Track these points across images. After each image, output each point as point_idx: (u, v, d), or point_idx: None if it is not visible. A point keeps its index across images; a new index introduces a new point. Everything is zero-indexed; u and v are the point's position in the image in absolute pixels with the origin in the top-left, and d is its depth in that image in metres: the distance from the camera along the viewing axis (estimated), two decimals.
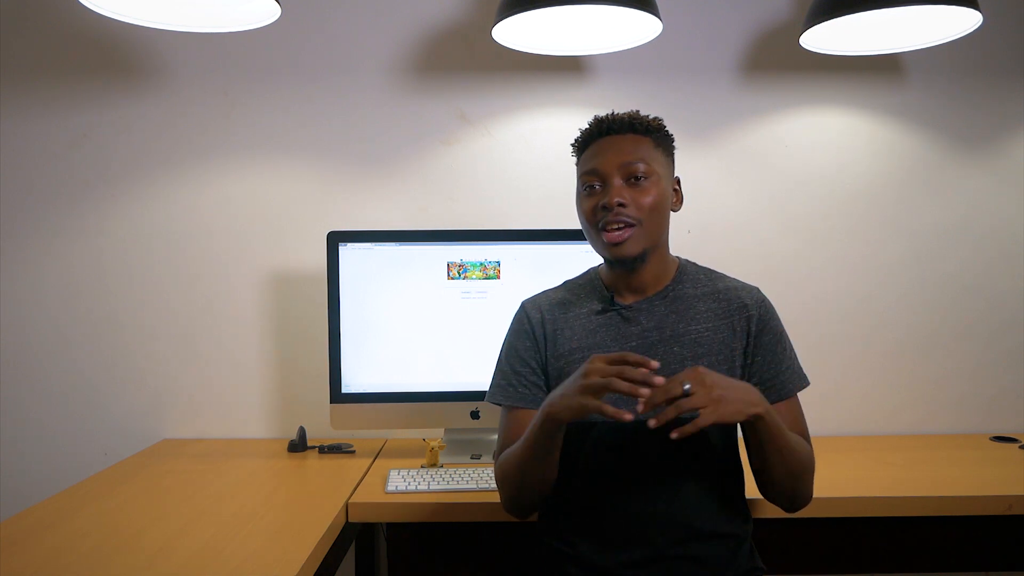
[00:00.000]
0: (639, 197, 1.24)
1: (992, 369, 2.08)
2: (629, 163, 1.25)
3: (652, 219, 1.25)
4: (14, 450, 2.04)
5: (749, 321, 1.28)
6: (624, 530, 1.25)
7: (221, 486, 1.60)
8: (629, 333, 1.28)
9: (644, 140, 1.28)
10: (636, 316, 1.29)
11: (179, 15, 1.61)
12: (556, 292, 1.39)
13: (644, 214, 1.24)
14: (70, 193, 2.04)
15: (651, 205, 1.25)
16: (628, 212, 1.23)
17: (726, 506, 1.28)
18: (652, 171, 1.26)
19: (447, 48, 2.05)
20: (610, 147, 1.27)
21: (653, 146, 1.28)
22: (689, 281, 1.32)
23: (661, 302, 1.30)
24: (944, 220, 2.07)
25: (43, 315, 2.04)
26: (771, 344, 1.28)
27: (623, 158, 1.25)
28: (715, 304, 1.30)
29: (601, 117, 1.31)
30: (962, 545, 1.56)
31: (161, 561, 1.20)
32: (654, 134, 1.29)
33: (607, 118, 1.30)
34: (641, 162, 1.25)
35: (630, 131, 1.28)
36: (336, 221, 2.00)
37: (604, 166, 1.26)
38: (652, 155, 1.27)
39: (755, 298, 1.31)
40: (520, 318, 1.37)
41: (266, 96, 2.04)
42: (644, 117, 1.30)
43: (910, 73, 2.06)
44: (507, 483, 1.27)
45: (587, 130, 1.32)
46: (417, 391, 1.80)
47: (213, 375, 2.06)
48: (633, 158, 1.25)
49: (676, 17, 2.00)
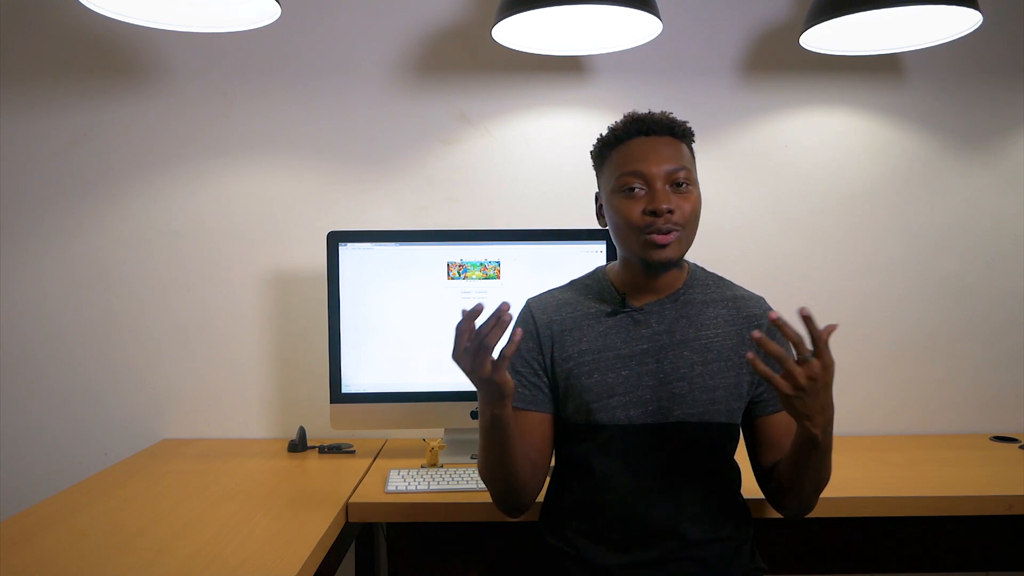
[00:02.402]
0: (683, 204, 1.23)
1: (992, 369, 2.08)
2: (675, 169, 1.23)
3: (692, 226, 1.25)
4: (14, 450, 2.04)
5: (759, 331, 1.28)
6: (625, 532, 1.25)
7: (221, 486, 1.60)
8: (640, 335, 1.28)
9: (682, 145, 1.27)
10: (647, 319, 1.29)
11: (179, 15, 1.61)
12: (563, 292, 1.37)
13: (687, 221, 1.24)
14: (70, 193, 2.04)
15: (693, 212, 1.24)
16: (674, 219, 1.22)
17: (729, 509, 1.29)
18: (692, 178, 1.25)
19: (447, 48, 2.05)
20: (653, 149, 1.24)
21: (689, 153, 1.28)
22: (699, 286, 1.32)
23: (672, 306, 1.29)
24: (944, 220, 2.07)
25: (43, 315, 2.04)
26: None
27: (670, 163, 1.23)
28: (724, 311, 1.30)
29: (639, 116, 1.27)
30: (962, 545, 1.56)
31: (161, 561, 1.20)
32: (690, 139, 1.29)
33: (647, 117, 1.26)
34: (684, 169, 1.24)
35: (669, 134, 1.26)
36: (336, 221, 2.00)
37: (650, 169, 1.23)
38: (690, 162, 1.27)
39: (764, 308, 1.32)
40: (525, 318, 1.35)
41: (266, 96, 2.04)
42: (680, 121, 1.28)
43: (910, 73, 2.06)
44: (484, 478, 1.29)
45: (622, 127, 1.28)
46: (417, 391, 1.80)
47: (213, 375, 2.06)
48: (678, 164, 1.24)
49: (676, 17, 2.00)
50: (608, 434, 1.26)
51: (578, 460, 1.29)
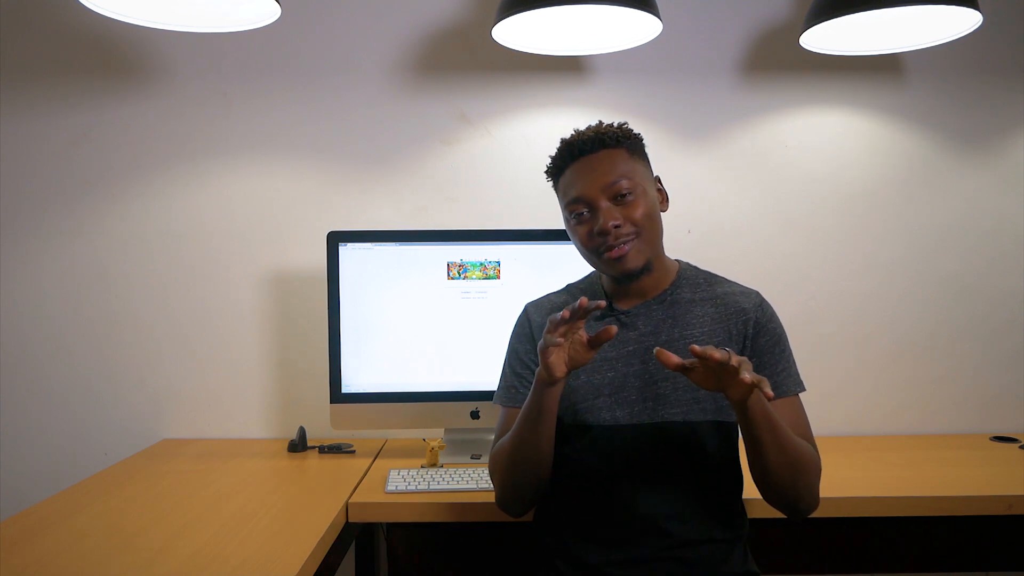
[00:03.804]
0: (630, 213, 1.24)
1: (992, 369, 2.08)
2: (611, 183, 1.23)
3: (648, 229, 1.25)
4: (14, 450, 2.04)
5: (746, 325, 1.28)
6: (616, 531, 1.25)
7: (221, 486, 1.60)
8: (627, 338, 1.29)
9: (618, 152, 1.26)
10: (634, 321, 1.30)
11: (179, 15, 1.61)
12: (558, 296, 1.41)
13: (641, 226, 1.24)
14: (70, 193, 2.04)
15: (643, 216, 1.24)
16: (624, 230, 1.23)
17: (720, 511, 1.28)
18: (635, 184, 1.25)
19: (447, 48, 2.04)
20: (587, 170, 1.25)
21: (628, 156, 1.27)
22: (688, 286, 1.33)
23: (659, 307, 1.30)
24: (944, 220, 2.07)
25: (43, 315, 2.04)
26: (768, 346, 1.28)
27: (604, 179, 1.24)
28: (712, 309, 1.30)
29: (569, 140, 1.28)
30: (962, 545, 1.56)
31: (161, 561, 1.20)
32: (625, 142, 1.27)
33: (575, 140, 1.27)
34: (623, 178, 1.24)
35: (601, 147, 1.26)
36: (336, 221, 2.00)
37: (587, 192, 1.24)
38: (630, 167, 1.26)
39: (753, 302, 1.31)
40: (522, 321, 1.39)
41: (266, 96, 2.04)
42: (610, 128, 1.27)
43: (910, 73, 2.06)
44: (498, 471, 1.28)
45: (557, 156, 1.30)
46: (417, 391, 1.80)
47: (213, 375, 2.06)
48: (614, 177, 1.24)
49: (676, 17, 2.00)
50: (595, 434, 1.28)
51: (567, 460, 1.30)
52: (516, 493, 1.28)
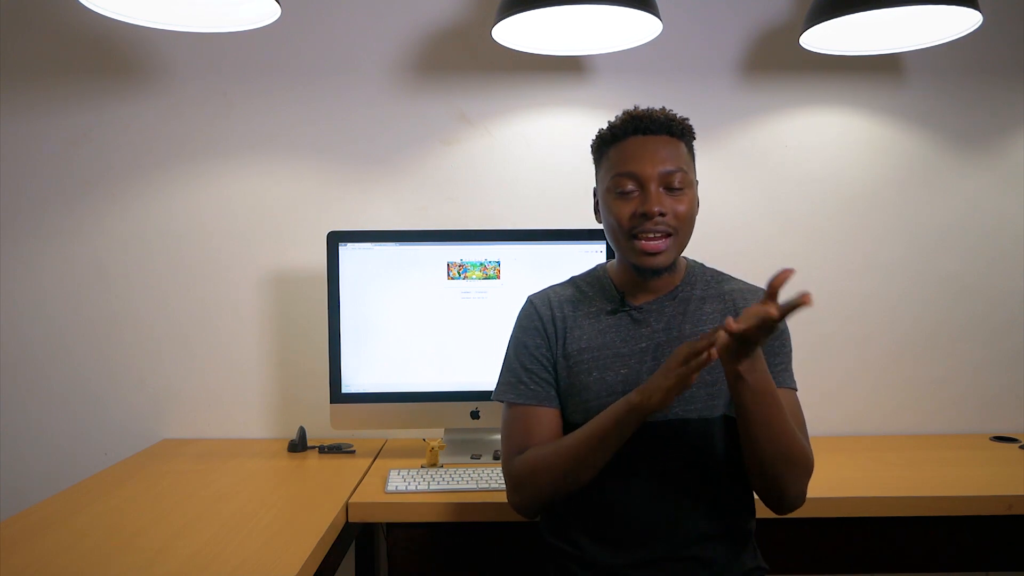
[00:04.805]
0: (677, 206, 1.21)
1: (992, 369, 2.08)
2: (670, 171, 1.20)
3: (685, 229, 1.23)
4: (14, 450, 2.04)
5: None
6: (627, 531, 1.24)
7: (221, 486, 1.60)
8: (639, 334, 1.27)
9: (679, 145, 1.23)
10: (647, 317, 1.28)
11: (179, 15, 1.61)
12: (564, 288, 1.36)
13: (680, 224, 1.22)
14: (70, 193, 2.04)
15: (687, 215, 1.22)
16: (666, 221, 1.20)
17: (730, 509, 1.27)
18: (688, 180, 1.23)
19: (447, 48, 2.05)
20: (648, 150, 1.21)
21: (686, 151, 1.25)
22: (698, 283, 1.32)
23: (671, 303, 1.29)
24: (944, 220, 2.07)
25: (43, 315, 2.04)
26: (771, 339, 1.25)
27: (664, 165, 1.20)
28: (721, 306, 1.30)
29: (636, 113, 1.23)
30: (962, 545, 1.56)
31: (161, 561, 1.20)
32: (687, 137, 1.25)
33: (644, 115, 1.23)
34: (680, 171, 1.21)
35: (667, 133, 1.22)
36: (336, 221, 2.00)
37: (643, 170, 1.20)
38: (687, 162, 1.24)
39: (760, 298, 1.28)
40: (529, 314, 1.33)
41: (266, 96, 2.04)
42: (679, 118, 1.24)
43: (910, 73, 2.06)
44: (539, 482, 1.23)
45: (618, 124, 1.25)
46: (417, 391, 1.80)
47: (213, 375, 2.06)
48: (673, 166, 1.21)
49: (676, 17, 2.00)
50: None
51: None
52: (550, 501, 1.25)
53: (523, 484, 1.24)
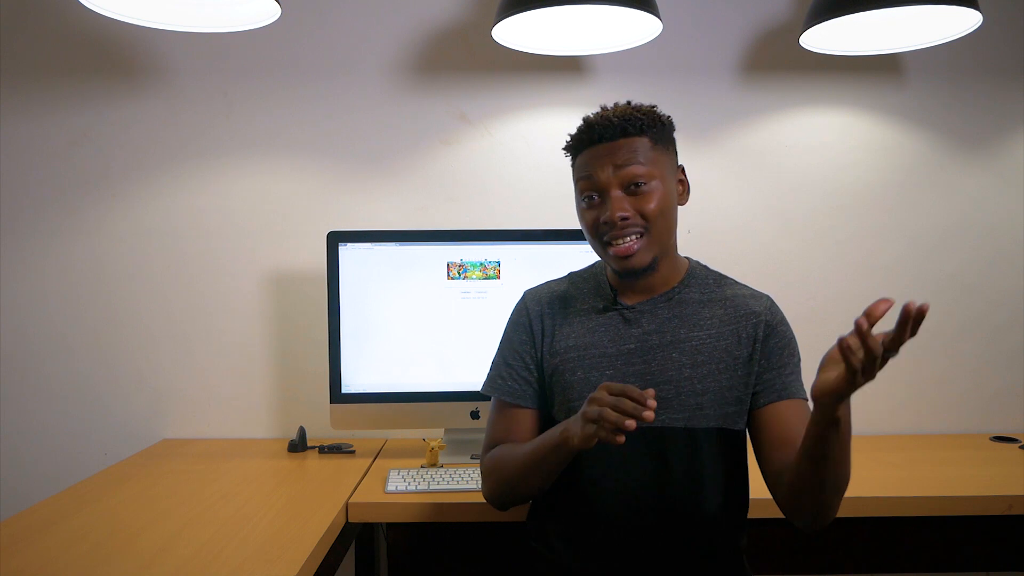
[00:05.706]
0: (642, 205, 1.18)
1: (992, 369, 2.08)
2: (626, 171, 1.18)
3: (659, 224, 1.19)
4: (14, 450, 2.04)
5: (757, 327, 1.23)
6: (605, 537, 1.22)
7: (221, 486, 1.60)
8: (628, 335, 1.24)
9: (639, 140, 1.19)
10: (638, 318, 1.25)
11: (179, 15, 1.61)
12: (559, 284, 1.35)
13: (652, 220, 1.18)
14: (70, 193, 2.04)
15: (655, 211, 1.18)
16: (633, 222, 1.18)
17: (716, 518, 1.23)
18: (652, 174, 1.18)
19: (447, 48, 2.05)
20: (603, 155, 1.19)
21: (651, 145, 1.20)
22: (697, 285, 1.28)
23: (665, 305, 1.25)
24: (944, 220, 2.07)
25: (43, 315, 2.04)
26: (778, 348, 1.24)
27: (621, 168, 1.18)
28: (721, 311, 1.25)
29: (591, 121, 1.21)
30: (962, 545, 1.56)
31: (161, 561, 1.20)
32: (650, 131, 1.20)
33: (596, 123, 1.20)
34: (638, 167, 1.18)
35: (622, 136, 1.19)
36: (336, 221, 2.00)
37: (599, 177, 1.19)
38: (650, 156, 1.19)
39: (765, 305, 1.27)
40: (520, 310, 1.33)
41: (266, 96, 2.04)
42: (635, 115, 1.20)
43: (910, 73, 2.06)
44: (496, 481, 1.25)
45: (576, 135, 1.23)
46: (417, 391, 1.80)
47: (213, 375, 2.06)
48: (630, 165, 1.18)
49: (676, 17, 2.00)
50: None
51: None
52: (510, 500, 1.26)
53: (487, 479, 1.28)
